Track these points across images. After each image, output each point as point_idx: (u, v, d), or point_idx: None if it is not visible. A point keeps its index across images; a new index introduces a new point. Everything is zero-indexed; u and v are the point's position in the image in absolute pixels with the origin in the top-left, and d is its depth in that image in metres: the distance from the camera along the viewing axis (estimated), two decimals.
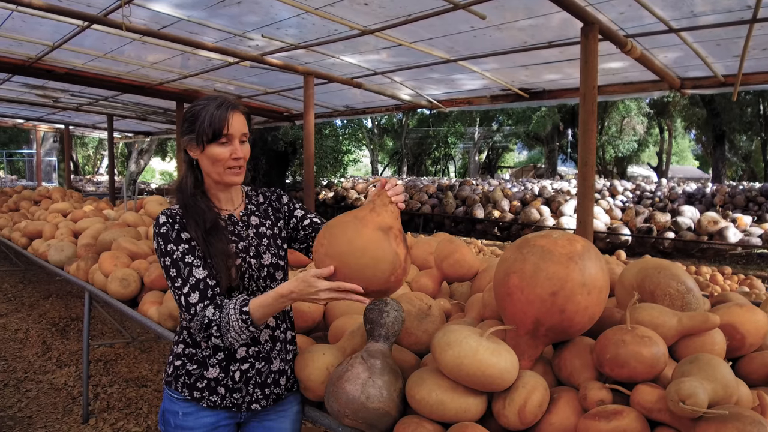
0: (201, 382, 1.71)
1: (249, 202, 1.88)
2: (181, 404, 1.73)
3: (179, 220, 1.67)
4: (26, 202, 7.09)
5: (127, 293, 3.27)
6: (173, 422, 1.75)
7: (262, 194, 1.94)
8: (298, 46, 5.61)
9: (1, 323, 6.11)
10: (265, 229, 1.84)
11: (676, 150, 40.24)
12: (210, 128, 1.63)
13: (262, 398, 1.76)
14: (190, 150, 1.71)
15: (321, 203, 18.51)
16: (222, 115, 1.64)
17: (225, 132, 1.65)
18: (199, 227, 1.65)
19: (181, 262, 1.62)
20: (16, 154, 28.32)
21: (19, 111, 12.03)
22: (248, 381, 1.73)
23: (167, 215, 1.68)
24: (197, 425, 1.73)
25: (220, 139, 1.65)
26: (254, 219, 1.84)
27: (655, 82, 6.10)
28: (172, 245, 1.63)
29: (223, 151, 1.66)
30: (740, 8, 4.12)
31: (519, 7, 4.40)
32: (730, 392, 1.38)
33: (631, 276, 1.91)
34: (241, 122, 1.69)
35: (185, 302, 1.60)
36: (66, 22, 5.00)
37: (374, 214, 1.60)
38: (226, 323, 1.57)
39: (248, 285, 1.73)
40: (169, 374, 1.76)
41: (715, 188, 15.08)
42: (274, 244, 1.84)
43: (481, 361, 1.49)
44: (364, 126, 34.17)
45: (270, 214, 1.90)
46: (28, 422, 3.85)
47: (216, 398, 1.71)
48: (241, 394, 1.73)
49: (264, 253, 1.79)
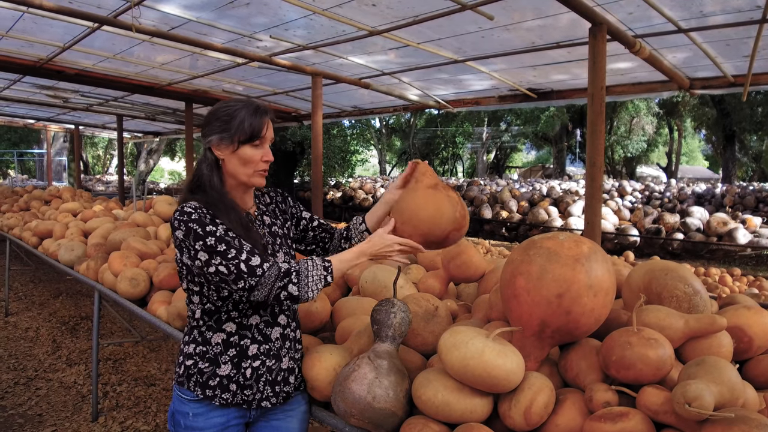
0: (213, 380, 1.72)
1: (259, 203, 1.92)
2: (191, 405, 1.74)
3: (208, 212, 1.64)
4: (37, 201, 7.15)
5: (136, 293, 3.30)
6: (183, 423, 1.75)
7: (267, 194, 1.98)
8: (306, 46, 5.62)
9: (11, 322, 6.17)
10: (276, 228, 1.89)
11: (685, 150, 39.99)
12: (249, 129, 1.68)
13: (272, 395, 1.78)
14: (216, 149, 1.71)
15: (329, 203, 18.53)
16: (260, 118, 1.71)
17: (262, 134, 1.71)
18: (234, 221, 1.66)
19: (227, 237, 1.60)
20: (27, 154, 28.51)
21: (30, 111, 12.13)
22: (259, 378, 1.75)
23: (193, 208, 1.64)
24: (207, 425, 1.74)
25: (254, 141, 1.70)
26: (267, 218, 1.89)
27: (663, 82, 6.07)
28: (210, 226, 1.60)
29: (255, 153, 1.72)
30: (750, 8, 4.09)
31: (527, 8, 4.39)
32: (736, 395, 1.38)
33: (638, 278, 1.91)
34: (271, 128, 1.77)
35: (247, 267, 1.57)
36: (76, 23, 5.05)
37: (419, 183, 1.85)
38: (305, 270, 1.63)
39: None
40: (181, 374, 1.77)
41: (725, 189, 14.98)
42: (285, 243, 1.89)
43: (487, 362, 1.50)
44: (372, 126, 34.20)
45: (278, 214, 1.94)
46: (38, 420, 3.89)
47: (228, 396, 1.72)
48: (252, 391, 1.74)
49: (278, 252, 1.84)
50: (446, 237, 1.82)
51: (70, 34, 5.48)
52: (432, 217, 1.78)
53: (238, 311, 1.74)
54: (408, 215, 1.79)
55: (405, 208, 1.81)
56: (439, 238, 1.81)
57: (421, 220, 1.78)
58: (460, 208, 1.84)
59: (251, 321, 1.76)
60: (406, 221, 1.79)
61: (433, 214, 1.78)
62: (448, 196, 1.82)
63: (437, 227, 1.79)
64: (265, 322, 1.78)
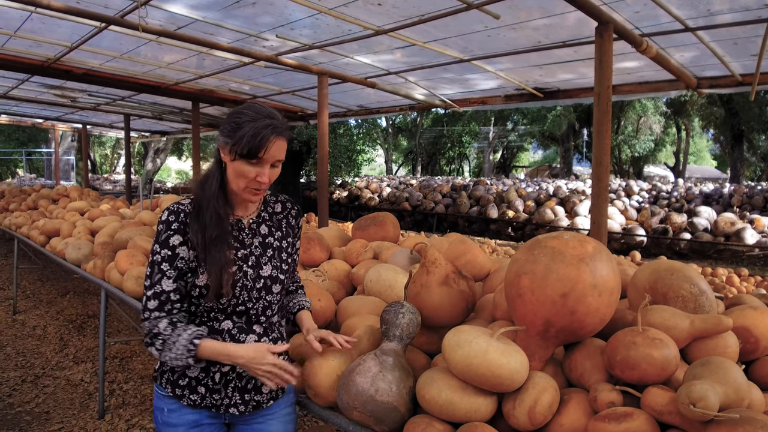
0: (183, 380, 1.72)
1: (264, 209, 1.85)
2: (166, 401, 1.75)
3: (181, 219, 1.66)
4: (45, 200, 7.20)
5: (141, 291, 3.30)
6: (160, 418, 1.77)
7: (282, 203, 1.90)
8: (312, 46, 5.63)
9: (19, 320, 6.21)
10: (272, 239, 1.82)
11: (693, 150, 39.79)
12: (247, 146, 1.59)
13: (240, 403, 1.75)
14: (222, 151, 1.68)
15: (335, 202, 18.56)
16: (264, 138, 1.60)
17: (260, 155, 1.61)
18: (203, 233, 1.64)
19: (156, 266, 1.65)
20: (35, 153, 28.68)
21: (38, 111, 12.19)
22: (228, 384, 1.73)
23: (172, 211, 1.68)
24: (181, 422, 1.74)
25: (252, 159, 1.62)
26: (264, 228, 1.82)
27: (671, 81, 6.04)
28: (157, 246, 1.66)
29: (250, 170, 1.63)
30: (758, 6, 4.06)
31: (533, 7, 4.38)
32: (741, 396, 1.37)
33: (644, 278, 1.90)
34: (280, 148, 1.66)
35: (144, 304, 1.66)
36: (83, 23, 5.07)
37: (432, 277, 2.00)
38: (172, 343, 1.61)
39: (240, 294, 1.71)
40: (156, 369, 1.80)
41: (733, 188, 14.88)
42: (277, 257, 1.81)
43: (491, 361, 1.49)
44: (378, 125, 34.19)
45: (283, 226, 1.87)
46: (45, 417, 3.91)
47: (196, 397, 1.72)
48: (220, 395, 1.73)
49: (265, 264, 1.77)
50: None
51: (77, 33, 5.50)
52: (449, 318, 1.97)
53: (209, 316, 1.72)
54: (426, 315, 1.97)
55: (422, 307, 1.97)
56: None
57: (440, 318, 1.98)
58: (472, 298, 2.03)
59: (223, 326, 1.72)
60: (424, 319, 1.98)
61: (450, 315, 1.97)
62: (460, 292, 1.98)
63: (453, 323, 1.97)
64: (239, 328, 1.73)
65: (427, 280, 1.98)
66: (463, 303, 1.98)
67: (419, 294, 1.97)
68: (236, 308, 1.71)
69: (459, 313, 1.98)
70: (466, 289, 2.00)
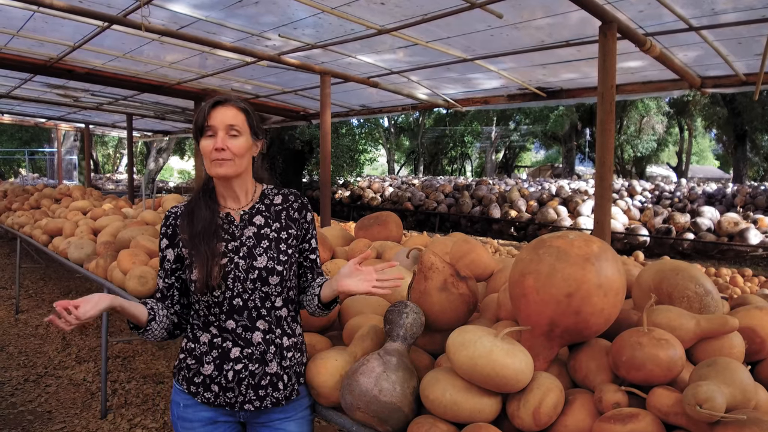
0: (198, 377, 1.74)
1: (261, 201, 1.84)
2: (182, 396, 1.79)
3: (169, 223, 1.80)
4: (47, 199, 7.20)
5: (144, 291, 3.31)
6: (176, 412, 1.81)
7: (284, 196, 1.87)
8: (315, 45, 5.62)
9: (22, 319, 6.21)
10: (269, 230, 1.79)
11: (696, 150, 39.70)
12: (196, 124, 1.72)
13: (255, 399, 1.72)
14: (196, 147, 1.80)
15: (337, 202, 18.56)
16: (205, 109, 1.71)
17: (207, 124, 1.69)
18: (190, 228, 1.74)
19: (160, 266, 1.84)
20: (38, 153, 28.72)
21: (40, 110, 12.22)
22: (241, 381, 1.72)
23: (166, 216, 1.83)
24: (196, 418, 1.77)
25: (206, 132, 1.70)
26: (258, 219, 1.80)
27: (674, 81, 6.02)
28: (160, 250, 1.84)
29: (207, 143, 1.70)
30: (762, 6, 4.04)
31: (536, 6, 4.37)
32: (748, 397, 1.37)
33: (649, 277, 1.89)
34: (229, 115, 1.70)
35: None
36: (86, 22, 5.07)
37: (430, 282, 1.95)
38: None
39: (233, 286, 1.70)
40: (175, 365, 1.83)
41: (736, 188, 14.85)
42: (275, 248, 1.76)
43: (496, 361, 1.48)
44: (380, 125, 34.24)
45: (283, 218, 1.83)
46: (48, 417, 3.91)
47: (210, 395, 1.73)
48: (234, 393, 1.72)
49: (260, 255, 1.74)
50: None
51: (80, 33, 5.51)
52: (452, 322, 1.94)
53: (215, 315, 1.73)
54: (428, 321, 1.94)
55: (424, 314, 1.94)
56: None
57: (442, 323, 1.95)
58: (473, 299, 1.99)
59: (227, 325, 1.72)
60: (426, 324, 1.95)
61: (452, 319, 1.94)
62: (460, 295, 1.94)
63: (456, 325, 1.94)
64: (243, 327, 1.72)
65: (426, 286, 1.93)
66: (464, 306, 1.96)
67: (419, 301, 1.95)
68: (232, 301, 1.71)
69: (461, 316, 1.96)
70: (466, 291, 1.97)
